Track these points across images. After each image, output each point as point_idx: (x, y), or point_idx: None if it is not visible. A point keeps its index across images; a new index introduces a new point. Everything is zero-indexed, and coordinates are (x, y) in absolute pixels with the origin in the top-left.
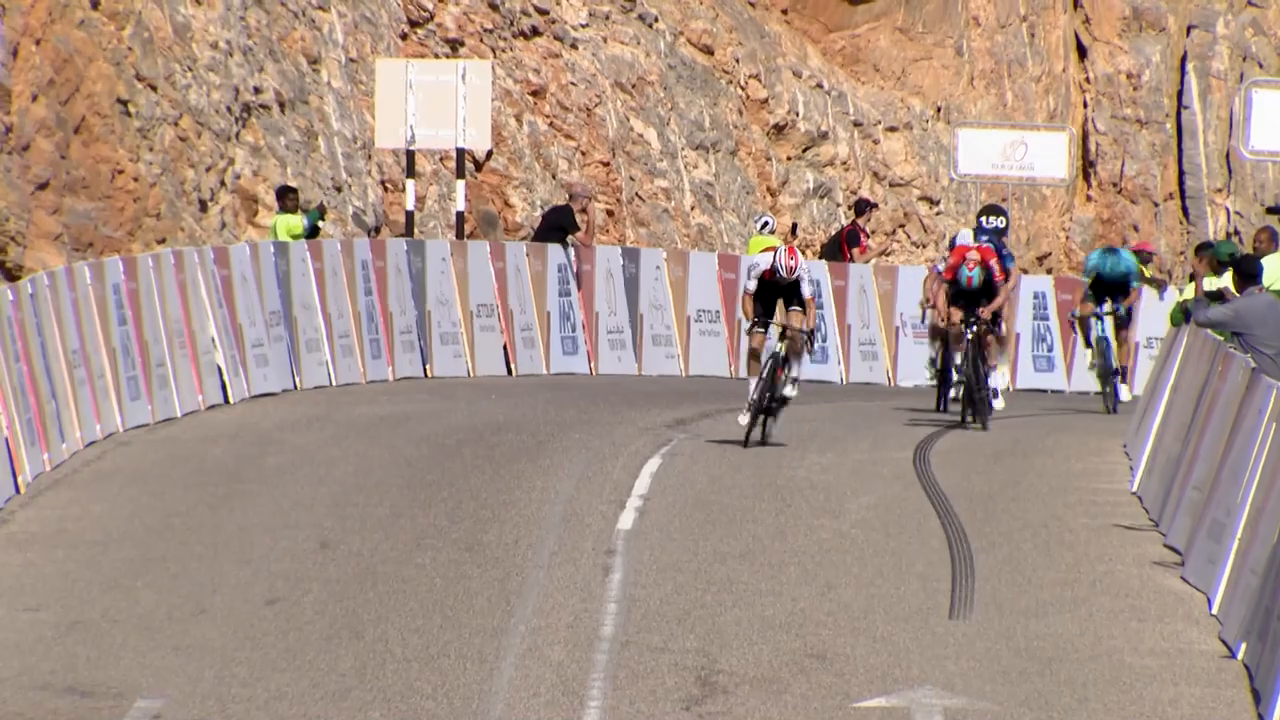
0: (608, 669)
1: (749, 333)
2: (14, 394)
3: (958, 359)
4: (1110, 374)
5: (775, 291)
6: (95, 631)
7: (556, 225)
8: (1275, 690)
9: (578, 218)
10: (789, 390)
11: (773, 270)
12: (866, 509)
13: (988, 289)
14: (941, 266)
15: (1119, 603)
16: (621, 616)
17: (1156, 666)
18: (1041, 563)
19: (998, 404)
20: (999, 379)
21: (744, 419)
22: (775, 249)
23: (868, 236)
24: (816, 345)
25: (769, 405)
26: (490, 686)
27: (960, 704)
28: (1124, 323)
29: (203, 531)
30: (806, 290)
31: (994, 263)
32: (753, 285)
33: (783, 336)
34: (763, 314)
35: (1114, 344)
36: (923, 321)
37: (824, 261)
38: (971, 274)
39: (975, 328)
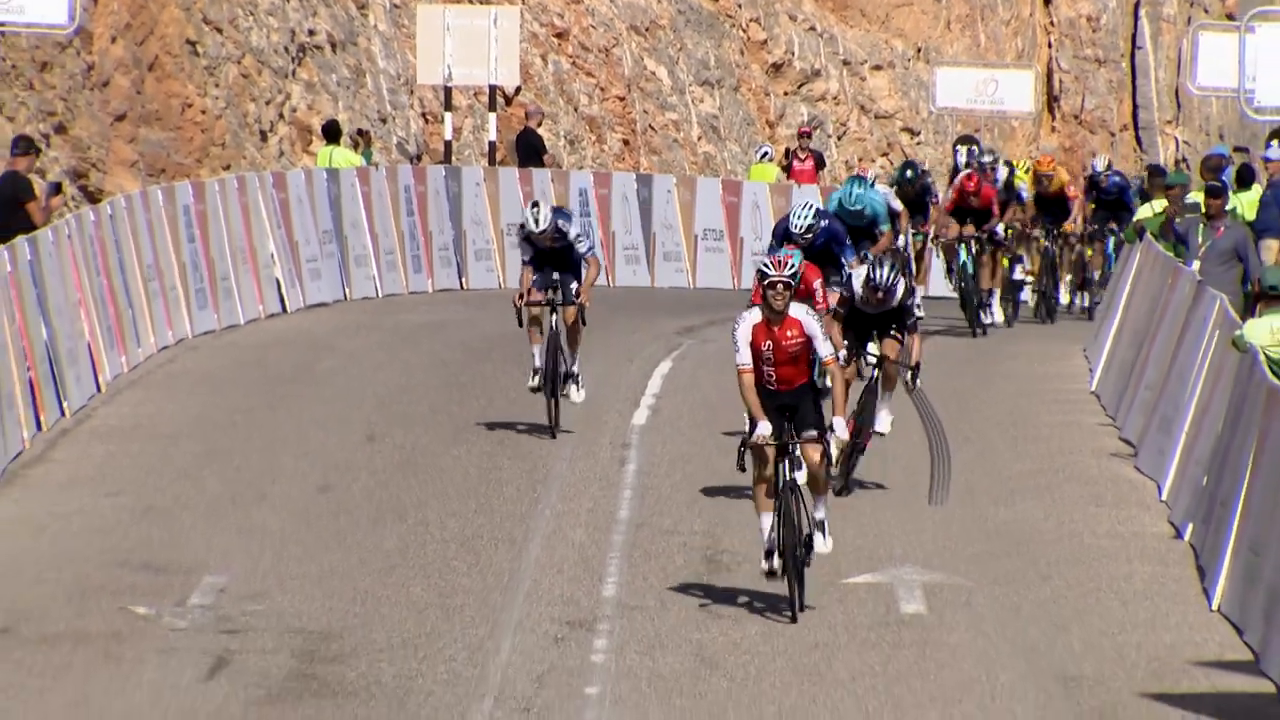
0: (623, 549)
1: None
2: (95, 304)
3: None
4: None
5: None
6: (167, 515)
7: (531, 149)
8: (1218, 568)
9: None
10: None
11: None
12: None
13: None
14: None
15: (1080, 490)
16: (636, 502)
17: (1113, 546)
18: (1011, 455)
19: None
20: (884, 420)
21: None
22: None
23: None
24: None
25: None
26: (519, 564)
27: (937, 579)
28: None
29: (262, 427)
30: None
31: (818, 285)
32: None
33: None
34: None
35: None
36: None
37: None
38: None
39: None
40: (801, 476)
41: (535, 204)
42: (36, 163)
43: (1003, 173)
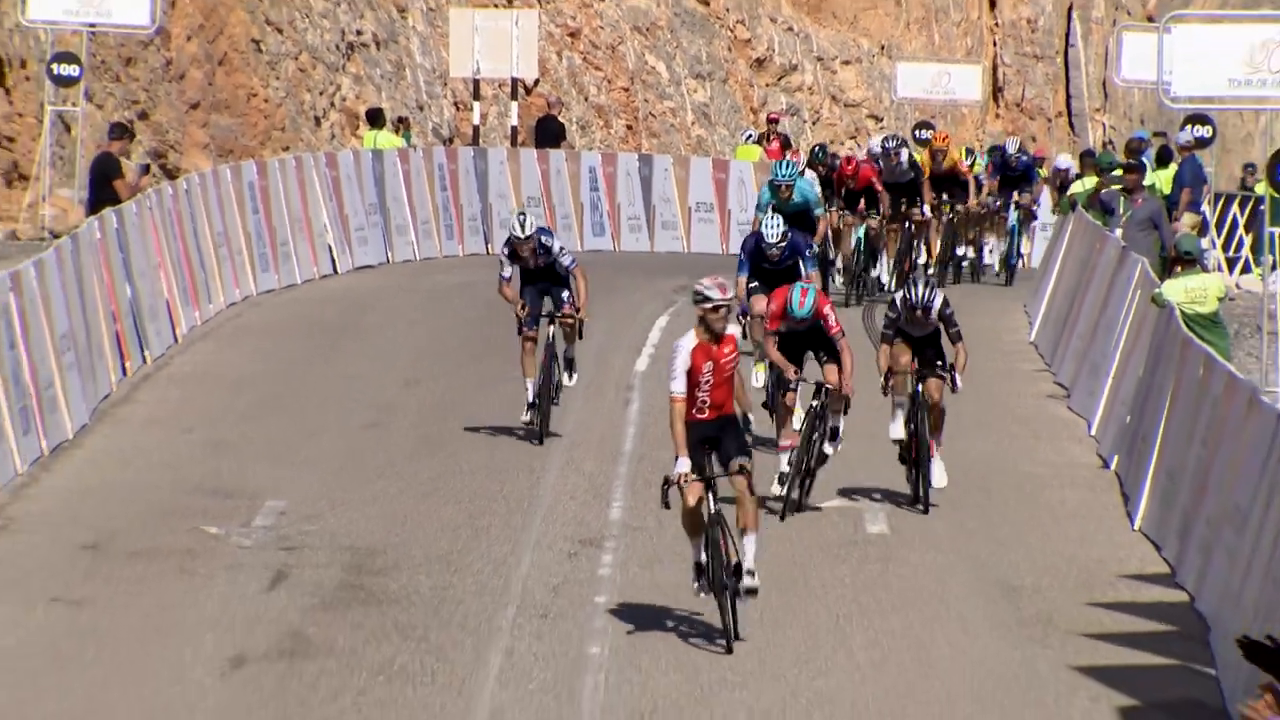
0: (627, 478)
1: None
2: (173, 266)
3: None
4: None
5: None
6: (234, 449)
7: (551, 134)
8: (1139, 493)
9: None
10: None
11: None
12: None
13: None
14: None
15: (1021, 427)
16: (638, 438)
17: (1049, 475)
18: (961, 396)
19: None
20: (939, 472)
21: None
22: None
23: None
24: None
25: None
26: (538, 490)
27: (890, 510)
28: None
29: (316, 373)
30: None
31: (830, 312)
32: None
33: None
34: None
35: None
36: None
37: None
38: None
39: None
40: (830, 449)
41: (522, 212)
42: (131, 148)
43: (905, 155)
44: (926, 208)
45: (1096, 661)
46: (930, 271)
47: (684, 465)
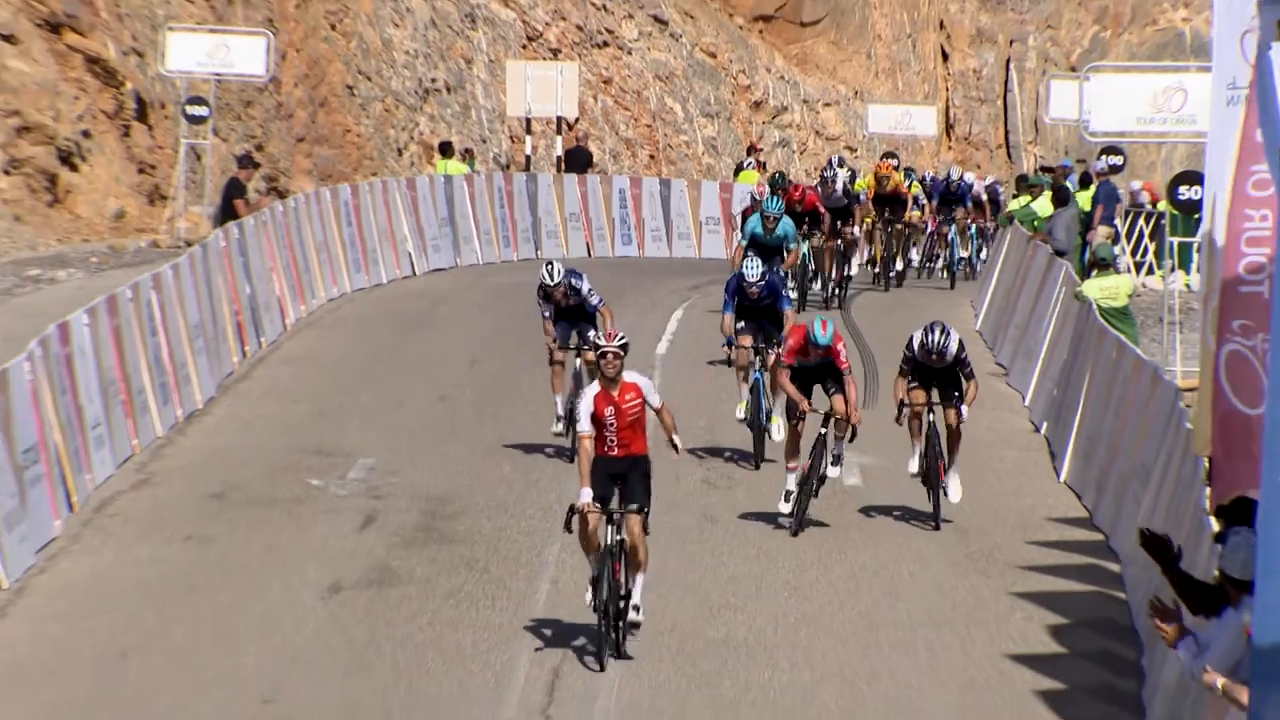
0: (651, 437)
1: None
2: (283, 268)
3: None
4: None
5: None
6: (333, 417)
7: (581, 161)
8: (1064, 452)
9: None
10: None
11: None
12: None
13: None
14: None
15: (982, 425)
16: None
17: (991, 438)
18: None
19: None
20: (955, 486)
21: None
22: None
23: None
24: None
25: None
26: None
27: (870, 461)
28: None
29: (398, 356)
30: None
31: (842, 349)
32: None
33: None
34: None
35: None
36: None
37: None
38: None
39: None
40: (834, 471)
41: (550, 263)
42: (254, 175)
43: (842, 179)
44: (856, 228)
45: (1030, 589)
46: (873, 269)
47: (586, 495)
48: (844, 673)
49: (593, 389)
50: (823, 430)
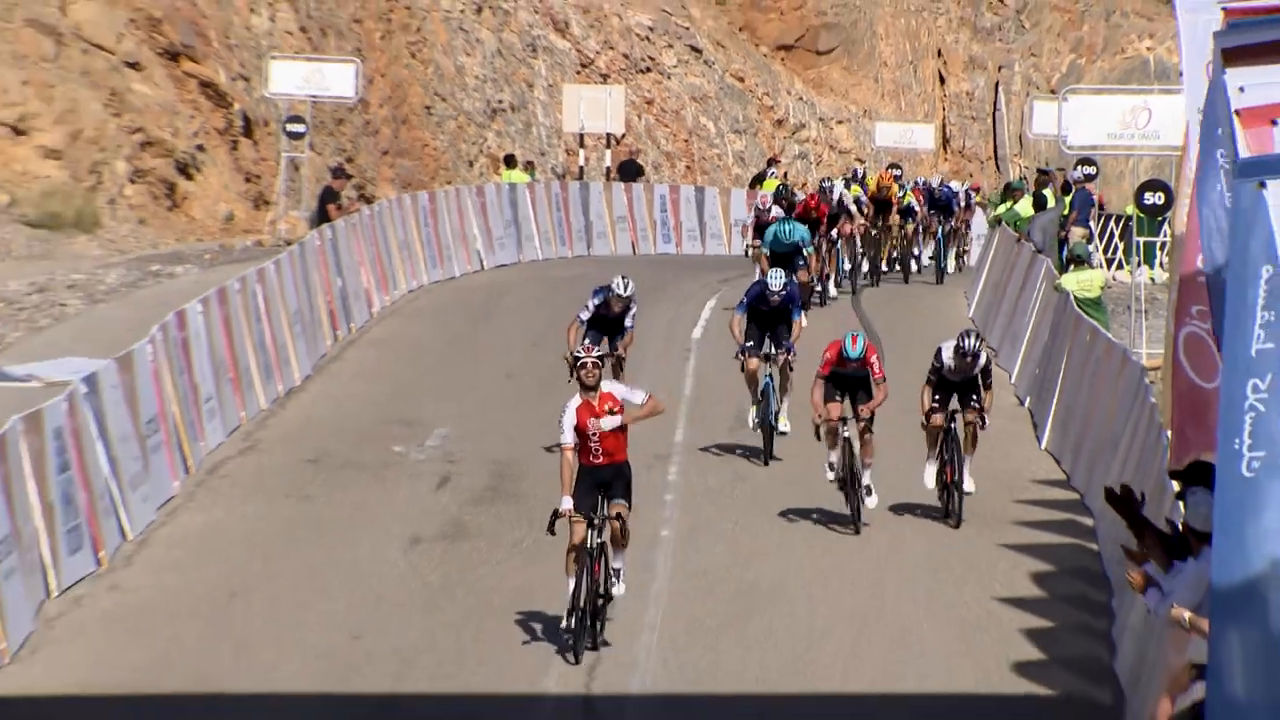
0: (686, 412)
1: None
2: (370, 264)
3: (833, 457)
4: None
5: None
6: (411, 394)
7: (632, 172)
8: (1045, 423)
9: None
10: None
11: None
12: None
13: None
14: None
15: None
16: (695, 384)
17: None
18: (917, 352)
19: (871, 502)
20: (968, 481)
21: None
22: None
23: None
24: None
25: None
26: None
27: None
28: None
29: (470, 340)
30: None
31: (875, 360)
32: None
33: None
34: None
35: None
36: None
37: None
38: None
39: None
40: (866, 479)
41: (625, 277)
42: (345, 184)
43: (839, 191)
44: (849, 225)
45: (1015, 541)
46: (862, 269)
47: (567, 504)
48: (854, 614)
49: (574, 403)
50: (845, 435)
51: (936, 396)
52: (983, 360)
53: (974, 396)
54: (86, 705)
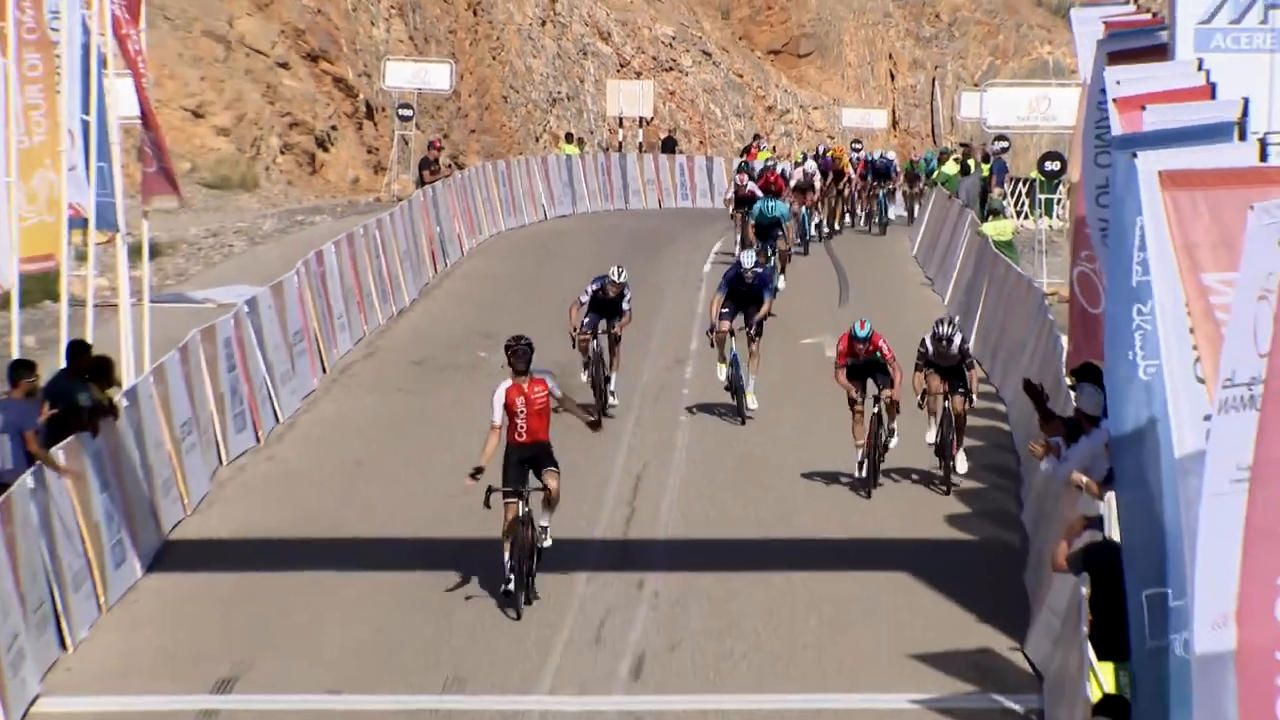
0: (698, 331)
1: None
2: (461, 215)
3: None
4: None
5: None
6: (491, 312)
7: (670, 147)
8: (970, 334)
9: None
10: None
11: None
12: (799, 265)
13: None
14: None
15: (906, 298)
16: (705, 307)
17: (918, 320)
18: (877, 287)
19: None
20: (961, 460)
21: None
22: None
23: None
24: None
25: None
26: (652, 335)
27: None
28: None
29: (538, 271)
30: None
31: (883, 343)
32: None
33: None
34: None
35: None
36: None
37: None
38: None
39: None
40: (891, 442)
41: (620, 267)
42: (441, 155)
43: (811, 167)
44: (812, 195)
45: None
46: (824, 227)
47: (481, 470)
48: (827, 477)
49: (504, 384)
50: (875, 410)
51: (930, 372)
52: (958, 342)
53: (961, 386)
54: (247, 545)
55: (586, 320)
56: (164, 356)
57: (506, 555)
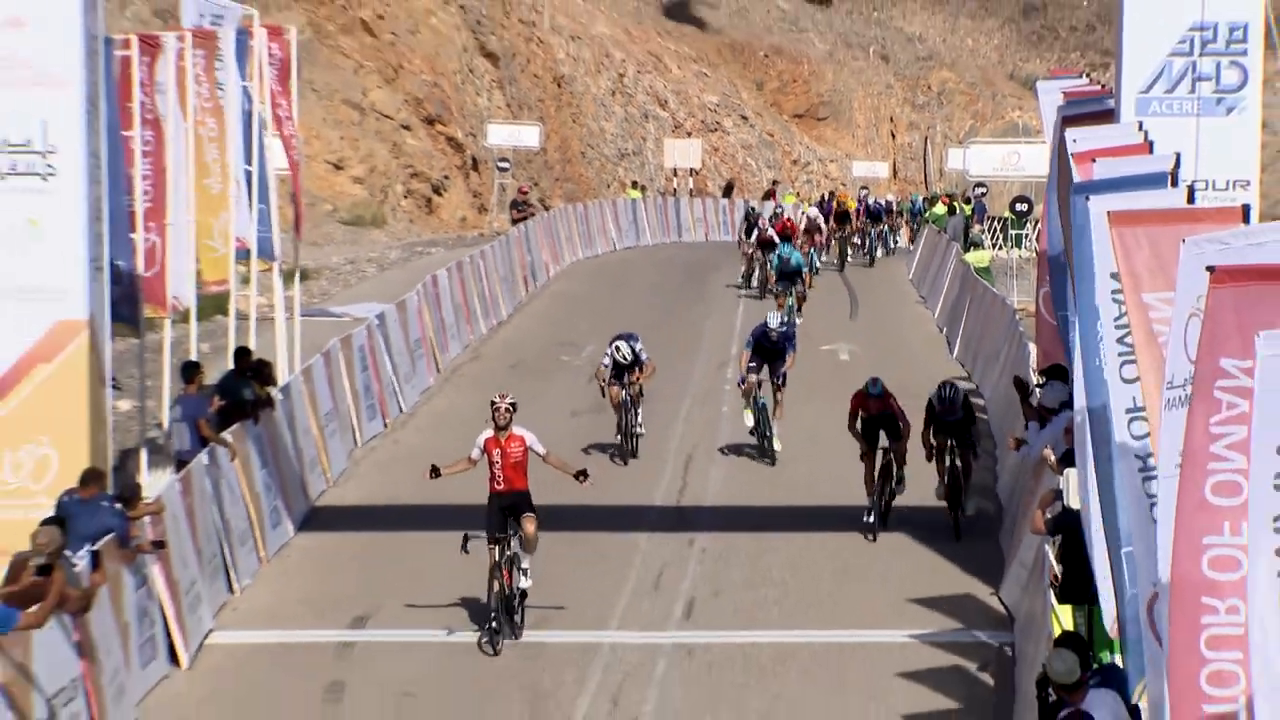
0: (739, 337)
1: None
2: (549, 247)
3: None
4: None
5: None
6: (572, 324)
7: (728, 191)
8: (955, 342)
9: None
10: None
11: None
12: (821, 282)
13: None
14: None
15: (901, 314)
16: (743, 320)
17: (912, 333)
18: (884, 300)
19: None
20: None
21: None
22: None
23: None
24: None
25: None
26: (702, 340)
27: (855, 348)
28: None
29: (611, 291)
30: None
31: (894, 401)
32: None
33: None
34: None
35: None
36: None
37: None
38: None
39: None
40: (899, 490)
41: (617, 346)
42: (529, 196)
43: (814, 212)
44: (819, 236)
45: None
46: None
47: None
48: (847, 458)
49: (486, 432)
50: (883, 461)
51: (938, 434)
52: (959, 402)
53: (967, 438)
54: (377, 511)
55: (611, 375)
56: (311, 360)
57: (488, 597)
